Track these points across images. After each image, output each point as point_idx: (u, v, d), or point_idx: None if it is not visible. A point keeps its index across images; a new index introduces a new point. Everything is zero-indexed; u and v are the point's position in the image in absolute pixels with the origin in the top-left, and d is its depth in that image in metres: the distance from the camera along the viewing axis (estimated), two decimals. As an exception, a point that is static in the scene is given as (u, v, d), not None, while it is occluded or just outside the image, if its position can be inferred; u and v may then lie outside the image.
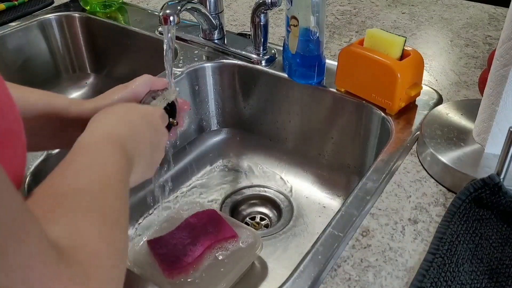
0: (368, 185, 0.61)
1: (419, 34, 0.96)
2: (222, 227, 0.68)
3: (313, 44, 0.75)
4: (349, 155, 0.84)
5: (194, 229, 0.67)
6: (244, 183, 0.89)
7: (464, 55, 0.88)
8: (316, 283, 0.50)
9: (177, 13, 0.69)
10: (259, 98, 0.90)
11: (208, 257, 0.65)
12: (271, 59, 0.87)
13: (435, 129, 0.66)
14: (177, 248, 0.65)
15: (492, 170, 0.55)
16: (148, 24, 1.02)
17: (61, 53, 1.12)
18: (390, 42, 0.69)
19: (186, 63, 0.88)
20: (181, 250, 0.64)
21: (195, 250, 0.64)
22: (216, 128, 0.96)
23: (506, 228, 0.54)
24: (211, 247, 0.66)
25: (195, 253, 0.64)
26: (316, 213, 0.82)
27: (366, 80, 0.73)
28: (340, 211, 0.57)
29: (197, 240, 0.65)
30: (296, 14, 0.73)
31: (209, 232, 0.67)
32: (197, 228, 0.68)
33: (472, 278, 0.49)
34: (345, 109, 0.79)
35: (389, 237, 0.55)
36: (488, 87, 0.60)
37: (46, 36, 1.08)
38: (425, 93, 0.76)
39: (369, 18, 1.03)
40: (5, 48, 1.03)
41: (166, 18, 0.68)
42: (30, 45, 1.06)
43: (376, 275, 0.51)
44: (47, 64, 1.11)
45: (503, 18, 1.01)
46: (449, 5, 1.08)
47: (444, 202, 0.59)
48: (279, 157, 0.92)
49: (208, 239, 0.66)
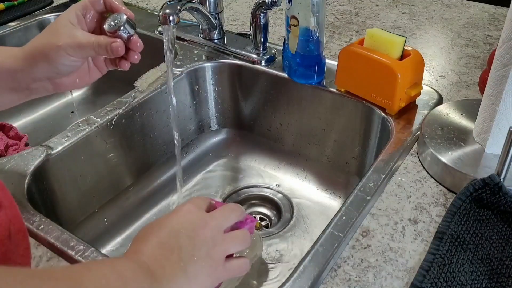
0: (368, 185, 0.61)
1: (419, 34, 0.96)
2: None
3: (313, 44, 0.75)
4: (349, 155, 0.84)
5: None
6: (244, 183, 0.89)
7: (464, 55, 0.88)
8: (316, 283, 0.50)
9: (177, 13, 0.69)
10: (259, 98, 0.90)
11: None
12: (271, 59, 0.87)
13: (435, 129, 0.66)
14: None
15: (493, 170, 0.55)
16: (148, 24, 1.02)
17: (60, 53, 1.12)
18: (390, 42, 0.69)
19: (186, 63, 0.88)
20: None
21: None
22: (216, 128, 0.96)
23: (507, 228, 0.54)
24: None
25: None
26: (316, 213, 0.82)
27: (366, 80, 0.73)
28: (340, 211, 0.57)
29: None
30: (296, 14, 0.73)
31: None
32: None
33: (472, 278, 0.49)
34: (345, 109, 0.79)
35: (389, 237, 0.55)
36: (488, 87, 0.60)
37: (45, 36, 1.08)
38: (425, 93, 0.76)
39: (369, 18, 1.03)
40: (5, 48, 1.03)
41: (165, 17, 0.68)
42: (29, 45, 1.06)
43: (376, 275, 0.50)
44: (46, 64, 1.11)
45: (503, 18, 1.01)
46: (450, 4, 1.07)
47: (444, 202, 0.59)
48: (279, 157, 0.92)
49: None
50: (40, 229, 0.56)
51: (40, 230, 0.56)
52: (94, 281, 0.36)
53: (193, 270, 0.42)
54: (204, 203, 0.48)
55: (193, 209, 0.46)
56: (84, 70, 0.58)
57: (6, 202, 0.41)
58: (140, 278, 0.39)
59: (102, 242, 0.78)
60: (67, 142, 0.70)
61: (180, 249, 0.42)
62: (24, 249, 0.43)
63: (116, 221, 0.80)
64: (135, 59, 0.56)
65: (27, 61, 0.53)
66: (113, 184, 0.81)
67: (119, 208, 0.81)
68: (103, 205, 0.80)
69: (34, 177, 0.65)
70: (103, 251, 0.76)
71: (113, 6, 0.55)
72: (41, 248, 0.55)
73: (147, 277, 0.39)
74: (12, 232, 0.41)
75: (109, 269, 0.38)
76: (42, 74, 0.54)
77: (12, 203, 0.43)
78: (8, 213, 0.41)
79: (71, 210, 0.74)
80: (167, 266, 0.41)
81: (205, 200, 0.49)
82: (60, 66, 0.54)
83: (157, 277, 0.40)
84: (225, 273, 0.45)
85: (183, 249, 0.42)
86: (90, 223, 0.77)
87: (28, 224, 0.57)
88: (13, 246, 0.41)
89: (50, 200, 0.70)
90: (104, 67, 0.59)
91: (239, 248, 0.47)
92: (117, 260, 0.41)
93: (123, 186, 0.83)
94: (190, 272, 0.42)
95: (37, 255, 0.54)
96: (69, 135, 0.72)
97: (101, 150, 0.76)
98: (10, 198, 0.43)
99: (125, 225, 0.81)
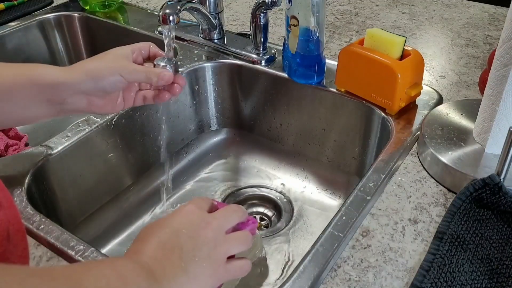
0: (368, 185, 0.61)
1: (419, 34, 0.96)
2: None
3: (313, 44, 0.75)
4: (349, 155, 0.84)
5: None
6: (244, 183, 0.89)
7: (464, 55, 0.88)
8: (316, 283, 0.50)
9: (177, 13, 0.69)
10: (259, 98, 0.90)
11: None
12: (271, 59, 0.87)
13: (435, 129, 0.66)
14: None
15: (493, 170, 0.55)
16: (147, 24, 1.02)
17: (60, 53, 1.12)
18: (390, 42, 0.69)
19: (185, 63, 0.88)
20: None
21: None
22: (216, 128, 0.96)
23: (507, 228, 0.54)
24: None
25: None
26: (316, 213, 0.82)
27: (366, 80, 0.73)
28: (340, 211, 0.57)
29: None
30: (296, 13, 0.73)
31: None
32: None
33: (472, 278, 0.49)
34: (345, 109, 0.79)
35: (389, 237, 0.55)
36: (488, 87, 0.60)
37: (45, 36, 1.08)
38: (425, 93, 0.76)
39: (369, 18, 1.03)
40: (5, 48, 1.03)
41: (165, 17, 0.68)
42: (29, 45, 1.06)
43: (376, 275, 0.50)
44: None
45: (503, 18, 1.01)
46: (450, 4, 1.07)
47: (444, 202, 0.59)
48: (279, 157, 0.92)
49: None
50: (40, 229, 0.56)
51: (40, 230, 0.56)
52: (93, 281, 0.36)
53: (194, 271, 0.42)
54: (206, 203, 0.48)
55: (195, 210, 0.46)
56: (114, 98, 0.61)
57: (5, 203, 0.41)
58: (140, 278, 0.39)
59: (102, 242, 0.78)
60: (67, 142, 0.70)
61: (181, 249, 0.42)
62: (23, 249, 0.43)
63: (116, 221, 0.80)
64: (177, 92, 0.62)
65: (75, 74, 0.57)
66: (113, 184, 0.81)
67: (119, 208, 0.81)
68: (103, 205, 0.80)
69: (34, 177, 0.65)
70: (103, 251, 0.76)
71: (157, 54, 0.63)
72: (41, 248, 0.55)
73: (147, 277, 0.39)
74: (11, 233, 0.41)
75: (109, 269, 0.38)
76: (85, 87, 0.57)
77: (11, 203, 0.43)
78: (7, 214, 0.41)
79: (71, 210, 0.74)
80: (167, 267, 0.41)
81: (207, 200, 0.49)
82: (108, 84, 0.57)
83: (158, 277, 0.40)
84: (226, 274, 0.44)
85: (184, 250, 0.42)
86: (90, 223, 0.78)
87: (28, 224, 0.57)
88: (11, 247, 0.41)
89: (50, 200, 0.70)
90: (130, 102, 0.63)
91: (241, 249, 0.46)
92: (118, 260, 0.41)
93: (123, 186, 0.83)
94: (191, 273, 0.41)
95: (37, 255, 0.54)
96: (69, 135, 0.72)
97: (101, 150, 0.76)
98: (10, 199, 0.43)
99: (125, 225, 0.81)
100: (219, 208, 0.49)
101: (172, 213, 0.46)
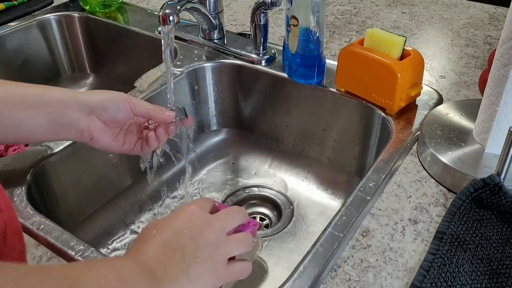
0: (368, 185, 0.61)
1: (419, 34, 0.96)
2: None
3: (313, 44, 0.75)
4: (349, 155, 0.84)
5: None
6: (244, 183, 0.89)
7: (464, 55, 0.88)
8: (316, 283, 0.50)
9: (177, 13, 0.69)
10: (259, 98, 0.90)
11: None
12: (271, 59, 0.87)
13: (435, 129, 0.66)
14: None
15: (493, 170, 0.55)
16: (147, 24, 1.02)
17: (60, 53, 1.12)
18: (390, 42, 0.69)
19: (185, 63, 0.88)
20: None
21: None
22: (216, 128, 0.96)
23: (507, 229, 0.54)
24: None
25: None
26: (316, 213, 0.82)
27: (366, 80, 0.73)
28: (340, 211, 0.57)
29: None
30: (296, 13, 0.73)
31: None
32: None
33: (472, 278, 0.49)
34: (345, 109, 0.79)
35: (389, 237, 0.55)
36: (489, 87, 0.60)
37: (45, 36, 1.08)
38: (425, 93, 0.76)
39: (369, 18, 1.03)
40: (5, 48, 1.03)
41: (165, 17, 0.68)
42: (29, 45, 1.06)
43: (376, 275, 0.50)
44: (46, 64, 1.11)
45: (503, 18, 1.01)
46: (450, 4, 1.07)
47: (444, 202, 0.59)
48: (279, 157, 0.92)
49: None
50: (40, 229, 0.56)
51: (40, 230, 0.56)
52: (92, 281, 0.35)
53: (195, 272, 0.42)
54: (208, 204, 0.48)
55: (197, 210, 0.46)
56: (114, 137, 0.61)
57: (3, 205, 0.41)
58: (140, 278, 0.39)
59: (102, 242, 0.78)
60: (67, 142, 0.70)
61: (183, 250, 0.42)
62: (19, 252, 0.43)
63: (116, 221, 0.80)
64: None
65: (84, 95, 0.58)
66: (113, 184, 0.81)
67: (119, 208, 0.81)
68: (103, 205, 0.80)
69: (34, 177, 0.65)
70: (103, 251, 0.76)
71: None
72: (41, 248, 0.55)
73: (148, 278, 0.39)
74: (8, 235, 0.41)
75: (109, 269, 0.38)
76: (91, 109, 0.58)
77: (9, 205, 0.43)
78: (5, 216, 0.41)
79: (71, 210, 0.74)
80: (169, 267, 0.41)
81: (209, 201, 0.49)
82: (117, 113, 0.58)
83: (159, 277, 0.40)
84: (227, 276, 0.44)
85: (186, 250, 0.42)
86: (90, 223, 0.77)
87: (28, 224, 0.57)
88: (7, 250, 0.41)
89: (50, 200, 0.70)
90: (131, 146, 0.63)
91: (242, 251, 0.46)
92: (118, 259, 0.41)
93: (123, 186, 0.83)
94: (192, 274, 0.41)
95: (37, 255, 0.54)
96: (69, 135, 0.72)
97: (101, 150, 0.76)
98: (7, 201, 0.43)
99: (125, 225, 0.81)
100: (221, 209, 0.48)
101: (175, 213, 0.46)
